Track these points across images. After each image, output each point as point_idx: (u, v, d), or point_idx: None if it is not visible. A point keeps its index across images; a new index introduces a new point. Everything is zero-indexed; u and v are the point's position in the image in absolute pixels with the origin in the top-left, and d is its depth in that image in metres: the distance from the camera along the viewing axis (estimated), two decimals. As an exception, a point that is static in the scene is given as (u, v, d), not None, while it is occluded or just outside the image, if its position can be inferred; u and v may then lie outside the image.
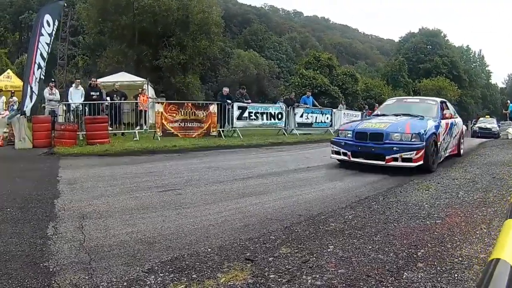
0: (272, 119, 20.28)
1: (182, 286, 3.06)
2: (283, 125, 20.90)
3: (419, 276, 3.37)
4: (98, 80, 18.19)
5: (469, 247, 4.07)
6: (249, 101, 19.96)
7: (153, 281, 3.12)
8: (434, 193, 6.56)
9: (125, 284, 3.04)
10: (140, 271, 3.30)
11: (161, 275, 3.24)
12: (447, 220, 5.09)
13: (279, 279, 3.23)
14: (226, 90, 19.23)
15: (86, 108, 15.56)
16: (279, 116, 20.57)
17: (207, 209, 5.40)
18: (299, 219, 5.03)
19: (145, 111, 17.17)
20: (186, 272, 3.33)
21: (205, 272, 3.35)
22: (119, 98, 16.68)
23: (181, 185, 6.99)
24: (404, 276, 3.37)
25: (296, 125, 21.64)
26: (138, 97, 17.59)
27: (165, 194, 6.28)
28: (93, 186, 6.77)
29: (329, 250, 3.93)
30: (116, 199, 5.86)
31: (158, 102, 17.31)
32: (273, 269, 3.45)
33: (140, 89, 18.54)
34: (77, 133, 13.68)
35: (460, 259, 3.75)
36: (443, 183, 7.49)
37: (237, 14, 78.40)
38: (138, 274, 3.23)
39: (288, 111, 21.13)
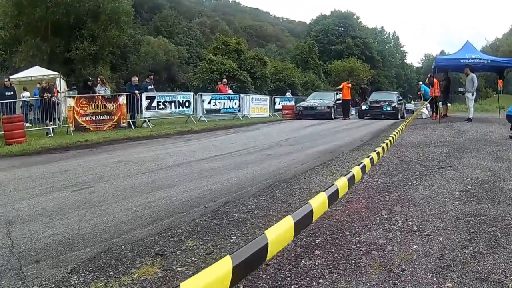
0: (180, 107, 20.86)
1: (101, 284, 3.28)
2: (191, 113, 21.45)
3: (317, 263, 3.55)
4: (13, 76, 17.99)
5: (368, 233, 4.26)
6: (152, 87, 20.25)
7: (76, 281, 3.35)
8: (338, 179, 6.23)
9: (53, 286, 3.28)
10: (65, 272, 3.51)
11: (83, 274, 3.46)
12: (347, 206, 5.27)
13: (186, 271, 3.48)
14: (134, 80, 19.37)
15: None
16: (187, 104, 21.17)
17: (119, 205, 5.61)
18: (204, 211, 5.27)
19: (58, 104, 16.86)
20: (104, 270, 3.55)
21: (120, 268, 3.59)
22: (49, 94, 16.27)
23: (94, 183, 7.16)
24: (302, 263, 3.56)
25: (205, 112, 22.33)
26: (53, 91, 17.07)
27: (79, 193, 6.42)
28: (14, 189, 6.78)
29: (231, 240, 4.18)
30: (36, 201, 5.96)
31: (70, 97, 17.04)
32: (180, 262, 3.71)
33: (43, 82, 17.78)
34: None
35: (358, 245, 3.94)
36: (349, 168, 7.23)
37: (148, 0, 76.63)
38: (63, 276, 3.44)
39: (196, 98, 21.74)
